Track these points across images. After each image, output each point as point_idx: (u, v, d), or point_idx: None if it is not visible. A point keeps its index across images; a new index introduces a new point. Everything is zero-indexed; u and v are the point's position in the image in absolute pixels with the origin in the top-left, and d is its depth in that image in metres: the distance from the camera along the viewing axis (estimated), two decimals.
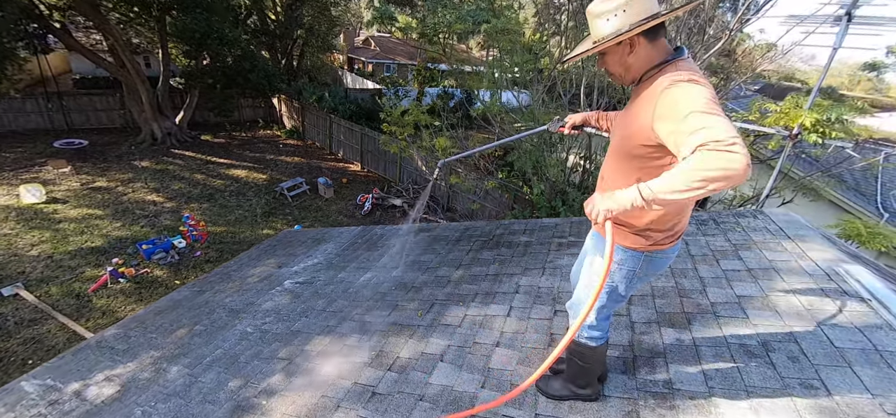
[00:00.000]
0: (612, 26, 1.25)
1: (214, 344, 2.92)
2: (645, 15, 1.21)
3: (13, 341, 6.61)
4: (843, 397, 1.54)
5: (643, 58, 1.27)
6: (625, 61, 1.30)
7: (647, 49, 1.26)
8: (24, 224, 9.73)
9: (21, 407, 2.67)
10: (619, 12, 1.22)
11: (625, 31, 1.22)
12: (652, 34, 1.25)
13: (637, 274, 1.48)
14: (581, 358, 1.67)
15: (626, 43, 1.27)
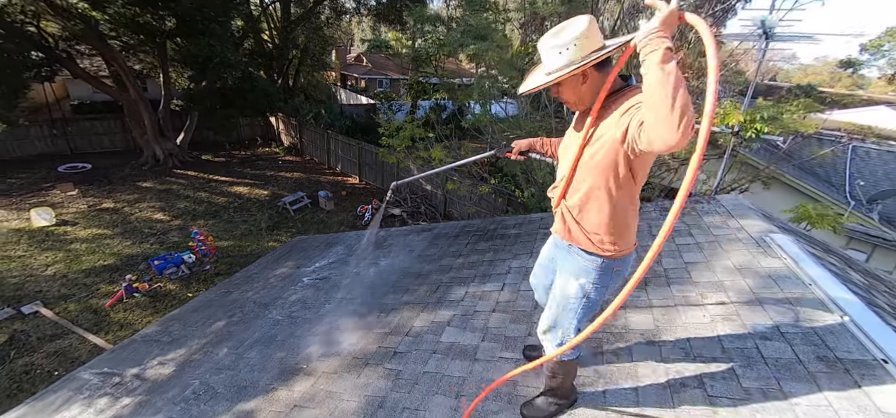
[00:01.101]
0: (565, 59, 1.35)
1: (252, 330, 3.40)
2: (594, 48, 1.33)
3: (37, 355, 6.98)
4: (750, 311, 2.07)
5: (594, 87, 1.41)
6: (578, 90, 1.43)
7: (599, 79, 1.40)
8: (36, 245, 10.10)
9: (88, 390, 3.12)
10: (571, 46, 1.33)
11: (578, 63, 1.32)
12: (601, 66, 1.39)
13: (606, 284, 1.61)
14: (560, 374, 1.78)
15: (580, 74, 1.38)
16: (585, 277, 1.58)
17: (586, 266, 1.57)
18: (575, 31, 1.31)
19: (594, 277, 1.57)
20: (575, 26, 1.32)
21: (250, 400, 2.44)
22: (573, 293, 1.62)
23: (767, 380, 1.74)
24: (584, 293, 1.60)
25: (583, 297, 1.61)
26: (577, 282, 1.60)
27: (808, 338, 1.91)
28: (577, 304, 1.63)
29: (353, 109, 19.52)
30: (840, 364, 1.73)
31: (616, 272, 1.61)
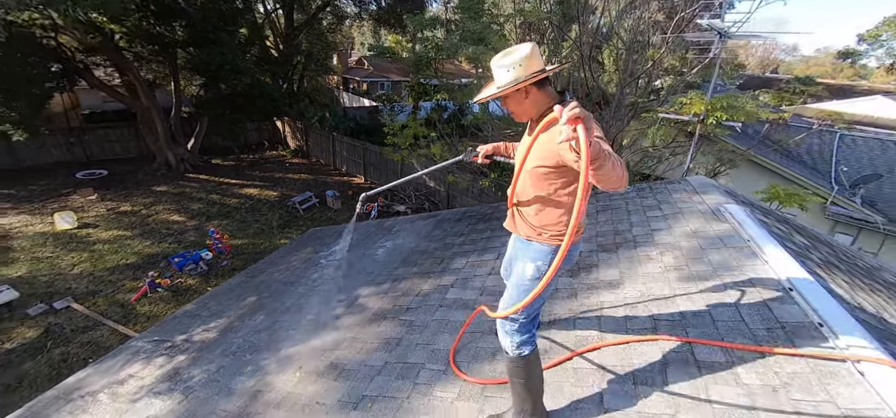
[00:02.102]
0: (510, 76, 1.57)
1: (281, 301, 3.92)
2: (535, 69, 1.55)
3: (72, 345, 7.54)
4: (696, 261, 2.57)
5: (535, 102, 1.63)
6: (521, 104, 1.65)
7: (538, 95, 1.62)
8: (62, 247, 10.68)
9: (144, 354, 3.65)
10: (516, 66, 1.55)
11: (521, 80, 1.54)
12: (541, 84, 1.61)
13: (560, 268, 1.65)
14: (521, 374, 1.78)
15: (523, 89, 1.59)
16: (542, 260, 1.72)
17: (542, 250, 1.72)
18: (520, 55, 1.54)
19: (550, 259, 1.70)
20: (520, 51, 1.55)
21: (289, 349, 2.95)
22: (529, 274, 1.75)
23: (698, 304, 2.24)
24: (538, 274, 1.72)
25: (537, 278, 1.72)
26: (534, 265, 1.74)
27: (734, 275, 2.41)
28: (530, 285, 1.74)
29: (355, 112, 20.08)
30: (752, 285, 2.24)
31: (568, 257, 1.70)
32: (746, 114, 4.60)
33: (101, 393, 3.08)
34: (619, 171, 1.33)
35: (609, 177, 1.31)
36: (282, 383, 2.56)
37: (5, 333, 7.70)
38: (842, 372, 1.64)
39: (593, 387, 1.89)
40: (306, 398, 2.33)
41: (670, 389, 1.76)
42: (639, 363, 1.95)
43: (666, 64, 6.03)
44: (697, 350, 1.94)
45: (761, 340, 1.90)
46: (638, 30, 5.93)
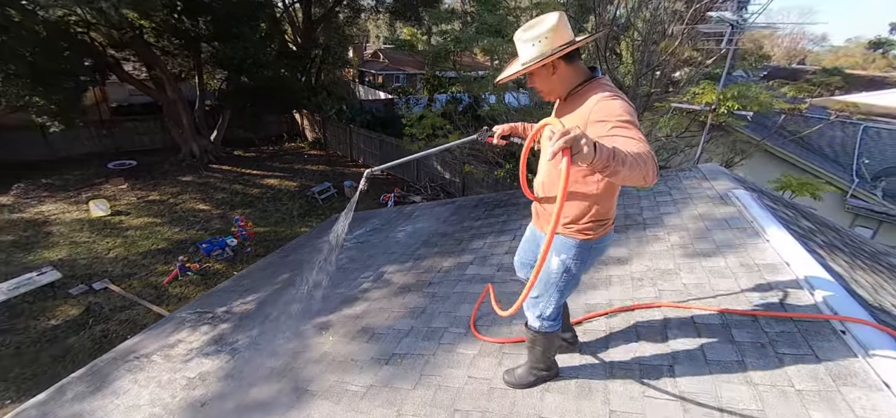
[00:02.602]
0: (536, 51, 1.45)
1: (312, 279, 4.22)
2: (563, 41, 1.43)
3: (111, 322, 8.05)
4: (701, 241, 2.76)
5: (564, 78, 1.51)
6: (549, 81, 1.53)
7: (567, 70, 1.50)
8: (97, 233, 11.28)
9: (189, 323, 4.00)
10: (543, 39, 1.43)
11: (547, 54, 1.42)
12: (570, 58, 1.48)
13: (587, 261, 1.68)
14: (541, 344, 1.83)
15: (549, 65, 1.47)
16: (566, 253, 1.64)
17: (567, 244, 1.63)
18: (545, 27, 1.43)
19: (574, 254, 1.63)
20: (546, 22, 1.44)
21: (323, 317, 3.25)
22: (554, 268, 1.67)
23: (700, 279, 2.44)
24: (565, 268, 1.65)
25: (564, 272, 1.66)
26: (558, 258, 1.66)
27: (736, 251, 2.59)
28: (559, 279, 1.68)
29: (371, 104, 20.39)
30: (751, 260, 2.42)
31: (595, 249, 1.68)
32: (759, 104, 4.68)
33: (154, 354, 3.43)
34: (640, 172, 1.16)
35: (628, 179, 1.17)
36: (319, 345, 2.84)
37: (50, 311, 8.26)
38: (826, 330, 1.83)
39: (599, 346, 2.11)
40: (342, 356, 2.62)
41: (670, 347, 1.97)
42: (642, 325, 2.17)
43: (686, 54, 6.07)
44: (696, 315, 2.15)
45: (756, 307, 2.09)
46: (656, 19, 6.01)
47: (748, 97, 4.58)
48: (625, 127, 1.29)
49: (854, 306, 1.92)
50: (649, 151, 1.22)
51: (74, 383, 3.32)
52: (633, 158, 1.15)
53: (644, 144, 1.24)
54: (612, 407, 1.72)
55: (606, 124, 1.32)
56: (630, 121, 1.31)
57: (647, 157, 1.19)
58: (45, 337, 7.64)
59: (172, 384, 2.88)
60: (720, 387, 1.68)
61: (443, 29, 8.74)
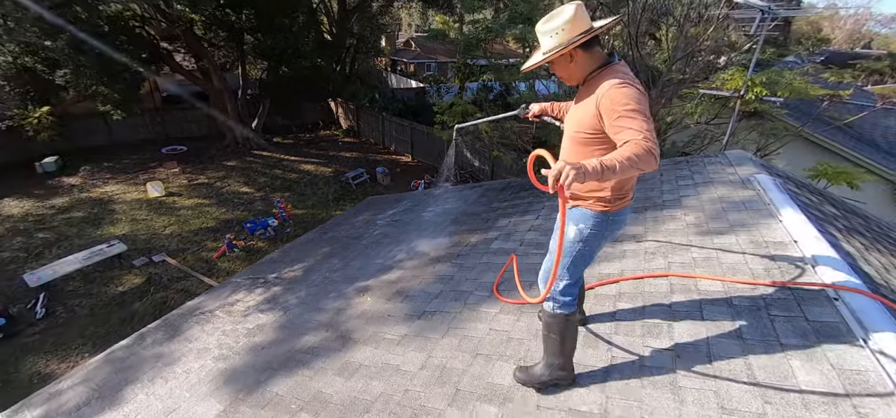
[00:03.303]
0: (555, 41, 1.56)
1: (350, 251, 4.63)
2: (580, 31, 1.53)
3: (169, 291, 8.88)
4: (715, 220, 2.91)
5: (582, 64, 1.61)
6: (568, 68, 1.64)
7: (584, 57, 1.59)
8: (154, 212, 12.31)
9: (244, 286, 4.50)
10: (560, 31, 1.54)
11: (565, 44, 1.53)
12: (587, 46, 1.57)
13: (604, 233, 1.72)
14: (557, 330, 1.79)
15: (567, 54, 1.57)
16: (584, 224, 1.69)
17: (585, 214, 1.69)
18: (563, 19, 1.53)
19: (592, 224, 1.68)
20: (564, 14, 1.54)
21: (362, 282, 3.63)
22: (571, 236, 1.72)
23: (709, 253, 2.62)
24: (581, 237, 1.70)
25: (580, 241, 1.71)
26: (576, 227, 1.71)
27: (748, 230, 2.74)
28: (575, 248, 1.72)
29: (403, 93, 20.80)
30: (762, 237, 2.58)
31: (613, 222, 1.72)
32: (793, 90, 4.61)
33: (217, 311, 3.93)
34: (635, 171, 1.31)
35: (625, 177, 1.33)
36: (359, 304, 3.22)
37: (118, 279, 9.21)
38: (820, 298, 2.00)
39: (607, 308, 2.35)
40: (380, 313, 2.98)
41: (672, 310, 2.19)
42: (649, 292, 2.39)
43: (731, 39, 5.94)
44: (700, 283, 2.34)
45: (757, 278, 2.26)
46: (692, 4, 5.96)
47: (779, 83, 4.53)
48: (630, 116, 1.39)
49: (851, 278, 2.06)
50: (646, 146, 1.31)
51: (151, 332, 3.87)
52: (623, 165, 1.27)
53: (644, 136, 1.33)
54: (613, 354, 1.98)
55: (614, 112, 1.42)
56: (636, 110, 1.39)
57: (642, 156, 1.29)
58: (113, 302, 8.56)
59: (235, 332, 3.35)
60: (712, 340, 1.90)
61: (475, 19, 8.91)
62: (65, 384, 3.36)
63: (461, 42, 9.64)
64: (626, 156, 1.29)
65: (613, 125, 1.43)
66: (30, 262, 9.80)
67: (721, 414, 1.54)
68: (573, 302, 1.79)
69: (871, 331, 1.70)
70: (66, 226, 11.49)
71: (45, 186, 13.84)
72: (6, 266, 9.73)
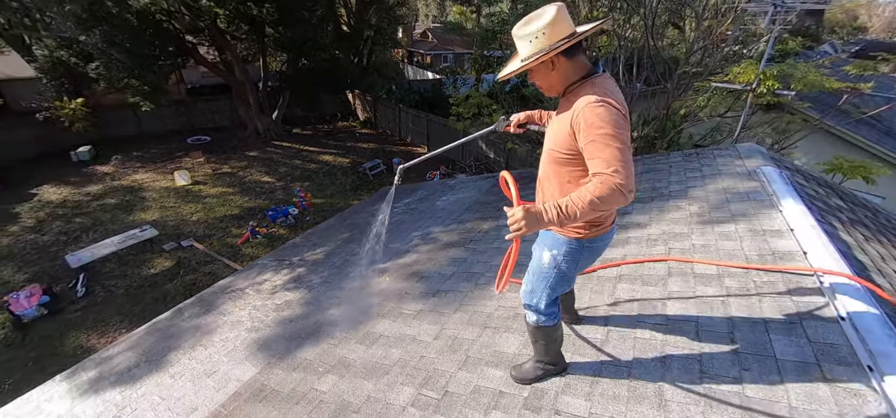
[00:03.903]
0: (534, 47, 1.42)
1: (368, 237, 4.89)
2: (562, 36, 1.39)
3: (197, 274, 9.36)
4: (718, 210, 3.05)
5: (563, 74, 1.47)
6: (548, 77, 1.49)
7: (566, 66, 1.45)
8: (181, 199, 12.87)
9: (271, 267, 4.81)
10: (540, 35, 1.40)
11: (545, 51, 1.39)
12: (570, 53, 1.43)
13: (580, 260, 1.67)
14: (542, 338, 1.84)
15: (548, 61, 1.43)
16: (558, 250, 1.63)
17: (558, 240, 1.63)
18: (543, 22, 1.39)
19: (565, 250, 1.62)
20: (543, 17, 1.40)
21: (380, 265, 3.88)
22: (546, 262, 1.67)
23: (708, 241, 2.76)
24: (555, 264, 1.65)
25: (554, 268, 1.66)
26: (549, 253, 1.66)
27: (748, 220, 2.87)
28: (550, 273, 1.68)
29: (419, 84, 20.99)
30: (760, 226, 2.71)
31: (588, 249, 1.66)
32: (807, 83, 4.62)
33: (247, 289, 4.25)
34: (599, 213, 1.29)
35: (596, 216, 1.36)
36: (377, 284, 3.48)
37: (149, 262, 9.75)
38: (806, 281, 2.14)
39: (607, 287, 2.53)
40: (397, 291, 3.22)
41: (667, 289, 2.36)
42: (648, 275, 2.56)
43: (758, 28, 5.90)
44: (696, 267, 2.50)
45: (751, 263, 2.41)
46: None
47: (793, 76, 4.54)
48: (603, 143, 1.29)
49: (839, 263, 2.19)
50: (613, 184, 1.24)
51: (188, 307, 4.21)
52: (584, 210, 1.25)
53: (614, 169, 1.25)
54: (610, 326, 2.17)
55: (588, 135, 1.33)
56: (610, 135, 1.29)
57: (607, 197, 1.24)
58: (146, 283, 9.08)
59: (265, 307, 3.65)
60: (701, 313, 2.07)
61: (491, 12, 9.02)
62: (113, 350, 3.72)
63: (478, 34, 9.76)
64: (588, 200, 1.24)
65: (585, 149, 1.35)
66: (69, 245, 10.44)
67: (706, 385, 1.72)
68: (555, 314, 1.79)
69: (849, 311, 1.85)
70: (100, 212, 12.13)
71: (79, 174, 14.58)
72: (48, 248, 10.39)
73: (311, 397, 2.28)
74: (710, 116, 5.95)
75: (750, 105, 4.79)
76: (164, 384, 2.91)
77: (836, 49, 18.86)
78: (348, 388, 2.25)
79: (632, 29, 7.98)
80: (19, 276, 9.28)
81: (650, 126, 7.83)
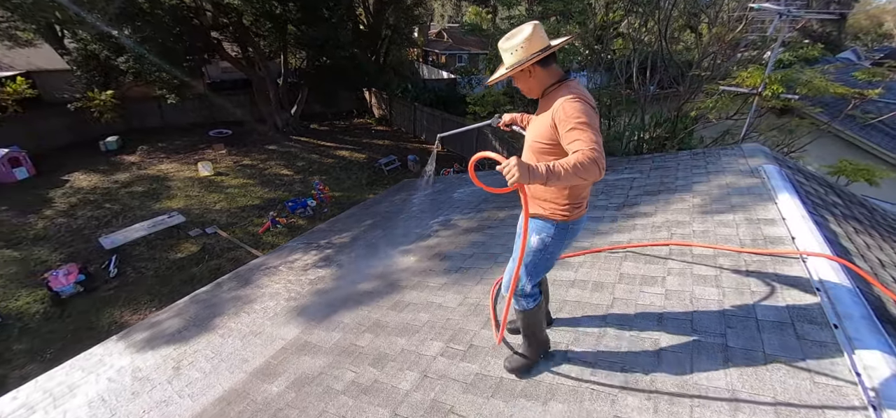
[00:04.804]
0: (514, 59, 1.70)
1: (391, 223, 5.23)
2: (536, 49, 1.66)
3: (221, 259, 9.82)
4: (718, 202, 3.32)
5: (539, 80, 1.74)
6: (528, 82, 1.77)
7: (542, 73, 1.73)
8: (205, 189, 13.40)
9: (300, 248, 5.18)
10: (518, 49, 1.67)
11: (523, 62, 1.67)
12: (544, 63, 1.71)
13: (563, 240, 1.87)
14: (527, 322, 2.03)
15: (527, 69, 1.71)
16: (546, 232, 1.84)
17: (546, 224, 1.84)
18: (521, 37, 1.67)
19: (553, 232, 1.83)
20: (521, 33, 1.68)
21: (405, 246, 4.21)
22: (534, 245, 1.87)
23: (707, 228, 3.03)
24: (543, 245, 1.85)
25: (541, 249, 1.86)
26: (538, 236, 1.86)
27: (745, 211, 3.14)
28: (535, 255, 1.88)
29: (434, 84, 21.34)
30: (755, 216, 2.98)
31: (571, 230, 1.87)
32: (812, 88, 4.82)
33: (280, 266, 4.62)
34: (579, 179, 1.43)
35: (571, 183, 1.50)
36: (403, 263, 3.81)
37: (176, 246, 10.24)
38: (792, 262, 2.41)
39: (613, 264, 2.82)
40: (422, 269, 3.55)
41: (667, 267, 2.65)
42: (650, 256, 2.84)
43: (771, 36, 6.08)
44: (695, 250, 2.78)
45: (744, 247, 2.68)
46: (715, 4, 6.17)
47: (798, 81, 4.74)
48: (580, 128, 1.52)
49: (822, 247, 2.46)
50: (591, 156, 1.44)
51: (226, 282, 4.60)
52: (568, 172, 1.40)
53: (591, 147, 1.47)
54: (615, 295, 2.46)
55: (566, 124, 1.55)
56: (585, 123, 1.53)
57: (586, 164, 1.42)
58: (174, 266, 9.57)
59: (299, 282, 4.01)
60: (696, 286, 2.36)
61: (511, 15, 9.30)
62: (161, 316, 4.12)
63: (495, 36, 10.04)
64: (571, 164, 1.41)
65: (565, 136, 1.56)
66: (100, 229, 11.00)
67: (695, 338, 2.01)
68: (537, 295, 1.98)
69: (825, 282, 2.12)
70: (128, 199, 12.71)
71: (108, 163, 15.22)
72: (81, 231, 10.96)
73: (351, 350, 2.62)
74: (718, 119, 6.15)
75: (756, 108, 5.00)
76: (214, 342, 3.28)
77: (859, 56, 18.70)
78: (384, 343, 2.58)
79: (647, 33, 8.17)
80: (55, 256, 9.84)
81: (662, 128, 8.05)
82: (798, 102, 5.53)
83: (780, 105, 5.54)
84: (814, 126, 6.91)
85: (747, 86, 4.85)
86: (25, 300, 8.41)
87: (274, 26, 15.24)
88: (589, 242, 3.24)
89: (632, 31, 8.08)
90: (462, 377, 2.13)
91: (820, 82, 4.81)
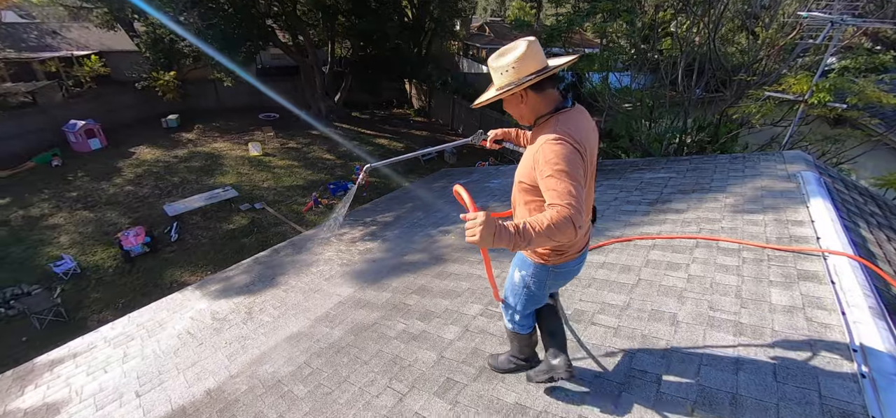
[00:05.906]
0: (504, 80, 1.48)
1: (432, 206, 5.61)
2: (530, 71, 1.43)
3: (268, 233, 10.58)
4: (751, 202, 3.46)
5: (532, 106, 1.51)
6: (519, 108, 1.54)
7: (536, 99, 1.49)
8: (254, 168, 14.33)
9: (347, 226, 5.65)
10: (510, 69, 1.45)
11: (514, 85, 1.45)
12: (538, 88, 1.47)
13: (546, 282, 1.70)
14: (517, 342, 1.99)
15: (519, 93, 1.49)
16: (526, 271, 1.70)
17: (526, 261, 1.69)
18: (512, 57, 1.45)
19: (532, 272, 1.68)
20: (514, 52, 1.45)
21: (445, 226, 4.57)
22: (517, 280, 1.77)
23: (736, 225, 3.20)
24: (524, 284, 1.73)
25: (524, 287, 1.74)
26: (519, 273, 1.75)
27: (777, 212, 3.27)
28: (521, 292, 1.77)
29: (474, 78, 21.56)
30: (785, 217, 3.12)
31: (556, 274, 1.68)
32: (863, 97, 4.72)
33: (330, 238, 5.10)
34: (549, 243, 1.28)
35: (548, 245, 1.37)
36: (445, 239, 4.17)
37: (228, 218, 11.11)
38: (813, 259, 2.57)
39: (641, 253, 3.06)
40: (462, 246, 3.90)
41: (693, 256, 2.86)
42: (677, 247, 3.05)
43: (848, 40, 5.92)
44: (721, 244, 2.97)
45: (769, 244, 2.85)
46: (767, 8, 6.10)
47: (849, 90, 4.67)
48: (557, 177, 1.32)
49: (846, 247, 2.60)
50: (566, 214, 1.25)
51: (282, 248, 5.12)
52: (539, 235, 1.23)
53: (567, 203, 1.27)
54: (641, 276, 2.71)
55: (545, 169, 1.36)
56: (564, 172, 1.32)
57: (559, 225, 1.24)
58: (226, 236, 10.42)
59: (350, 252, 4.46)
60: (717, 274, 2.57)
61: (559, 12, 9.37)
62: (230, 272, 4.68)
63: (543, 32, 10.13)
64: (545, 226, 1.24)
65: (542, 182, 1.38)
66: (162, 198, 12.06)
67: (710, 313, 2.24)
68: (528, 325, 1.92)
69: (841, 275, 2.29)
70: (187, 172, 13.80)
71: (168, 139, 16.51)
72: (146, 198, 12.06)
73: (400, 307, 3.00)
74: (762, 125, 6.09)
75: (802, 115, 4.96)
76: (279, 296, 3.77)
77: None
78: (430, 303, 2.95)
79: (697, 33, 8.04)
80: (124, 220, 10.93)
81: (704, 131, 7.99)
82: (853, 112, 5.43)
83: (828, 113, 5.45)
84: (867, 137, 6.70)
85: (794, 92, 4.83)
86: (101, 255, 9.46)
87: (324, 16, 15.95)
88: (620, 232, 3.48)
89: (682, 32, 8.02)
90: (499, 333, 2.47)
91: (872, 92, 4.73)
